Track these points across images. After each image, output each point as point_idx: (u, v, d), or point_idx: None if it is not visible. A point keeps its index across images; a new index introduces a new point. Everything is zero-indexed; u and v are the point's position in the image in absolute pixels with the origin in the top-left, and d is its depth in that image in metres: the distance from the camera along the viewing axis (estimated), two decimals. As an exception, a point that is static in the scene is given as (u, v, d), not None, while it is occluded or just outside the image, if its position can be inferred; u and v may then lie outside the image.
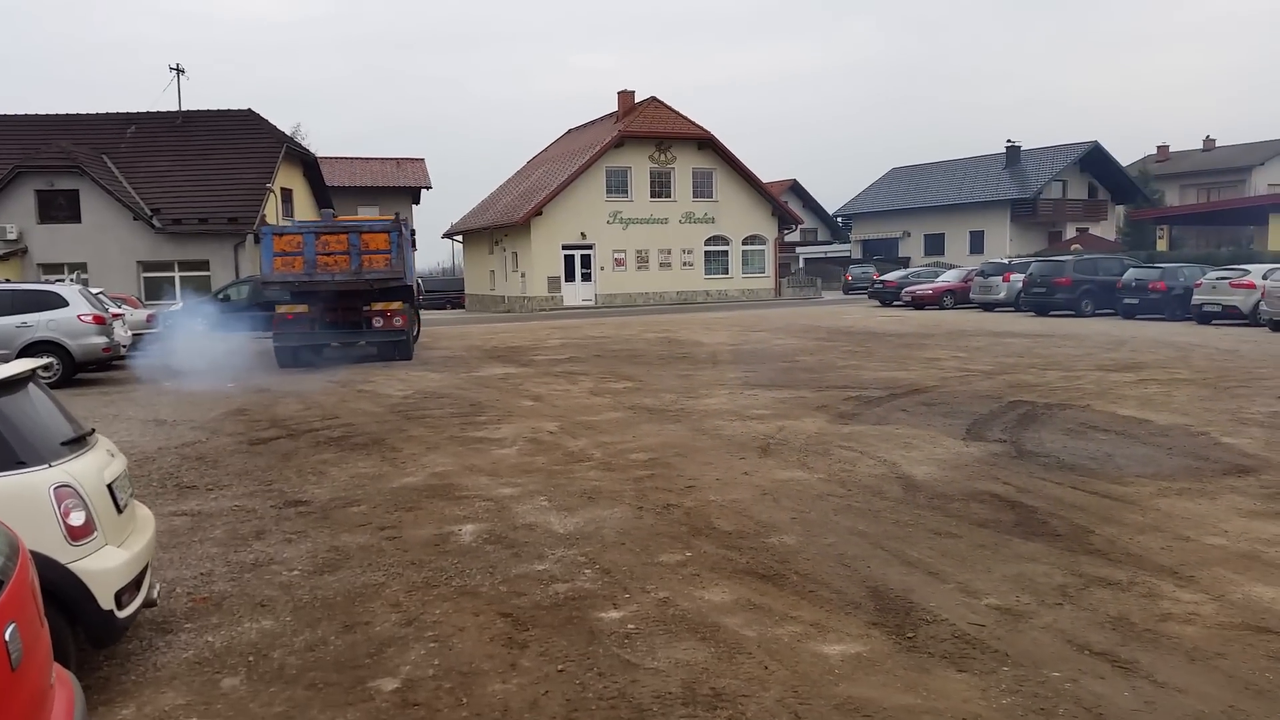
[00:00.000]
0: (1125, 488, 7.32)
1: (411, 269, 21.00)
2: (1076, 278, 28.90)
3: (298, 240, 18.11)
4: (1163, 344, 18.93)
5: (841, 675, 4.20)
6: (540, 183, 45.89)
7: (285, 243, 18.09)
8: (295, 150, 37.60)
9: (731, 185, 46.20)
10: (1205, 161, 67.12)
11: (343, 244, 18.11)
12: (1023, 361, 16.02)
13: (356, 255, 18.12)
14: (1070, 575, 5.40)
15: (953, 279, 36.50)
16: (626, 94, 46.51)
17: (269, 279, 18.28)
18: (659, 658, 4.41)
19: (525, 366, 17.20)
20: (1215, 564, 5.55)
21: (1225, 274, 24.73)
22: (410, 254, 20.75)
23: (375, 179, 52.07)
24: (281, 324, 18.36)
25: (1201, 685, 4.04)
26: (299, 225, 20.08)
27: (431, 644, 4.64)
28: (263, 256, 18.33)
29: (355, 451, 9.50)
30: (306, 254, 17.96)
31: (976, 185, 57.45)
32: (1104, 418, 10.36)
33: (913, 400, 11.87)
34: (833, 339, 21.63)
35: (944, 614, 4.86)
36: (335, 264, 18.06)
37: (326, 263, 18.03)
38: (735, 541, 6.16)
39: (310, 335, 18.51)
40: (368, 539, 6.43)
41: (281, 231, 18.80)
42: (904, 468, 8.14)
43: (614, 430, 10.29)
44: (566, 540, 6.27)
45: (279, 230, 18.97)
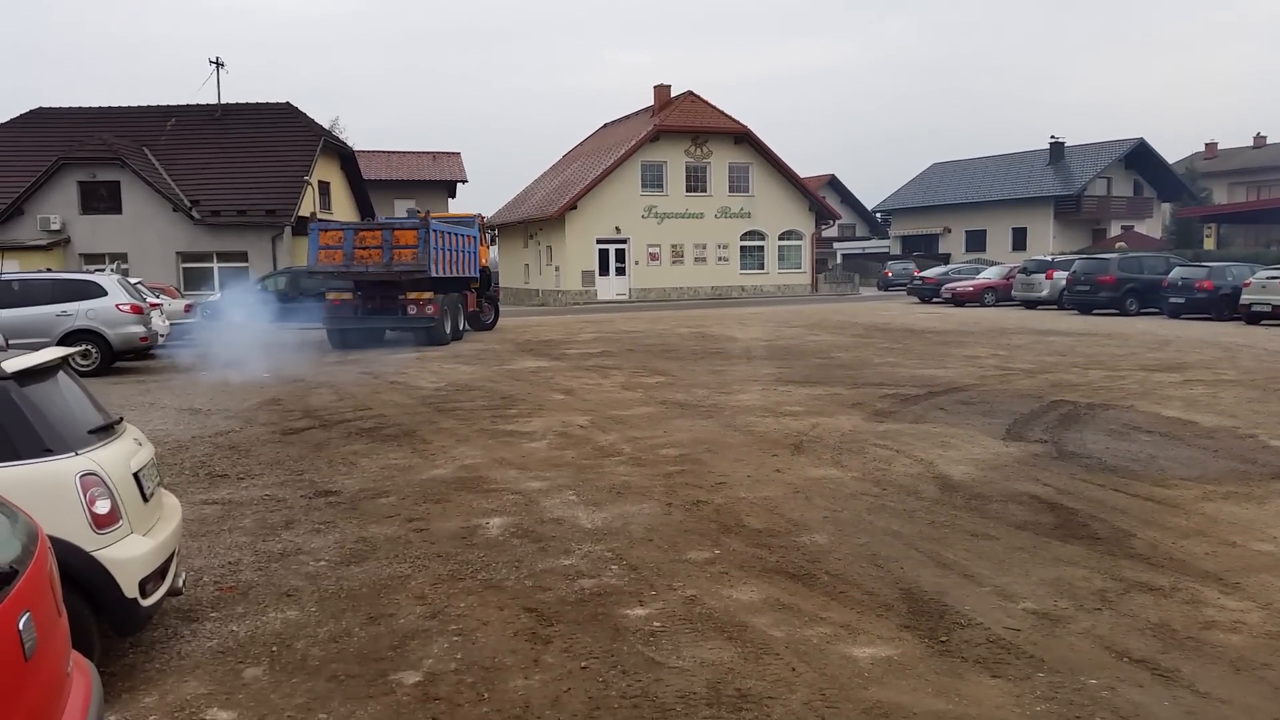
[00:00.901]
0: (1169, 490, 7.12)
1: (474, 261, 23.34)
2: (1121, 276, 28.35)
3: (339, 235, 20.26)
4: (1209, 344, 18.49)
5: (871, 679, 4.10)
6: (575, 177, 45.89)
7: (329, 237, 20.21)
8: (333, 144, 37.91)
9: (768, 180, 45.90)
10: (1255, 159, 65.63)
11: (377, 239, 20.17)
12: (1065, 360, 15.72)
13: (388, 250, 19.96)
14: (1110, 580, 5.24)
15: (994, 276, 35.98)
16: (663, 88, 46.35)
17: (314, 269, 20.49)
18: (684, 657, 4.33)
19: (557, 360, 17.18)
20: (1262, 571, 5.37)
21: (1275, 273, 24.12)
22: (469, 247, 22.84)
23: (412, 173, 52.36)
24: (330, 309, 20.86)
25: (1246, 696, 3.88)
26: (342, 222, 22.46)
27: (455, 638, 4.60)
28: (310, 249, 20.37)
29: (386, 443, 9.51)
30: (346, 247, 20.02)
31: (1019, 181, 56.60)
32: (1148, 419, 10.11)
33: (951, 399, 11.67)
34: (869, 335, 21.39)
35: (979, 618, 4.73)
36: (369, 257, 20.04)
37: (362, 256, 20.05)
38: (765, 540, 6.06)
39: (354, 320, 20.78)
40: (395, 530, 6.41)
41: (326, 227, 20.89)
42: (941, 467, 7.98)
43: (645, 425, 10.21)
44: (594, 535, 6.20)
45: (324, 226, 20.98)
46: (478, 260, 24.24)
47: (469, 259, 23.25)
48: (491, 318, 25.92)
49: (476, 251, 24.03)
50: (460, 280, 22.79)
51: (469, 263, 23.25)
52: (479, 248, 24.70)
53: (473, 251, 23.62)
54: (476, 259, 24.04)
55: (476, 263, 24.06)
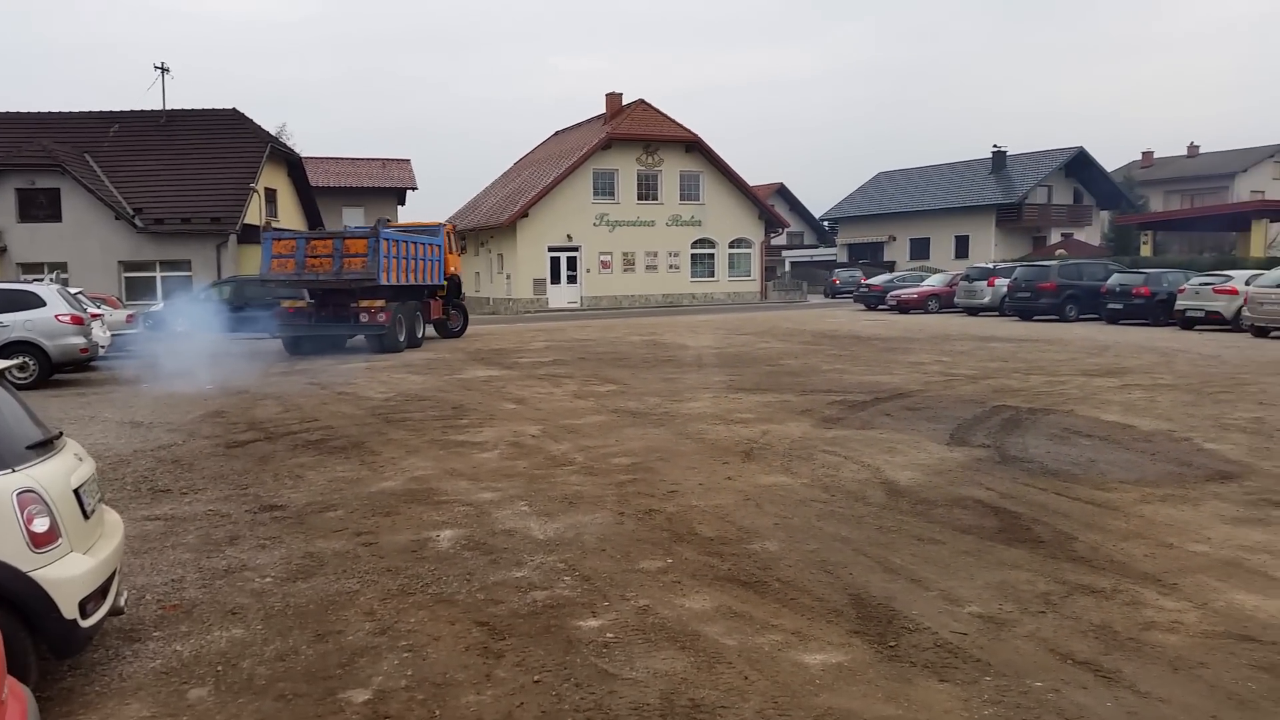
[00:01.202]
0: (1109, 494, 7.29)
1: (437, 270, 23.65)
2: (1061, 283, 29.01)
3: (292, 244, 20.71)
4: (1146, 349, 18.98)
5: (822, 685, 4.14)
6: (527, 184, 45.78)
7: (281, 246, 20.69)
8: (280, 150, 37.39)
9: (719, 188, 46.22)
10: (1189, 168, 67.64)
11: (328, 248, 20.54)
12: (1006, 366, 16.02)
13: (339, 258, 20.36)
14: (1053, 583, 5.35)
15: (938, 283, 36.60)
16: (614, 96, 46.48)
17: (266, 277, 20.81)
18: (637, 668, 4.34)
19: (509, 369, 17.10)
20: (1198, 571, 5.52)
21: (1208, 280, 24.85)
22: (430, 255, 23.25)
23: (360, 179, 51.79)
24: (284, 316, 21.09)
25: (1184, 695, 3.99)
26: (294, 231, 23.05)
27: (405, 654, 4.55)
28: (263, 257, 20.76)
29: (334, 455, 9.38)
30: (298, 256, 20.44)
31: (962, 190, 57.66)
32: (1087, 423, 10.34)
33: (897, 405, 11.84)
34: (818, 342, 21.61)
35: (926, 622, 4.80)
36: (321, 265, 20.45)
37: (313, 264, 20.47)
38: (717, 548, 6.10)
39: (308, 326, 21.03)
40: (343, 545, 6.33)
41: (279, 236, 21.38)
42: (887, 473, 8.09)
43: (597, 434, 10.21)
44: (546, 546, 6.19)
45: (277, 235, 21.51)
46: (442, 268, 24.31)
47: (430, 267, 23.35)
48: (460, 324, 26.17)
49: (441, 260, 24.15)
50: (418, 288, 22.84)
51: (430, 271, 23.34)
52: (446, 256, 24.87)
53: (436, 260, 23.73)
54: (440, 267, 24.12)
55: (440, 271, 24.14)
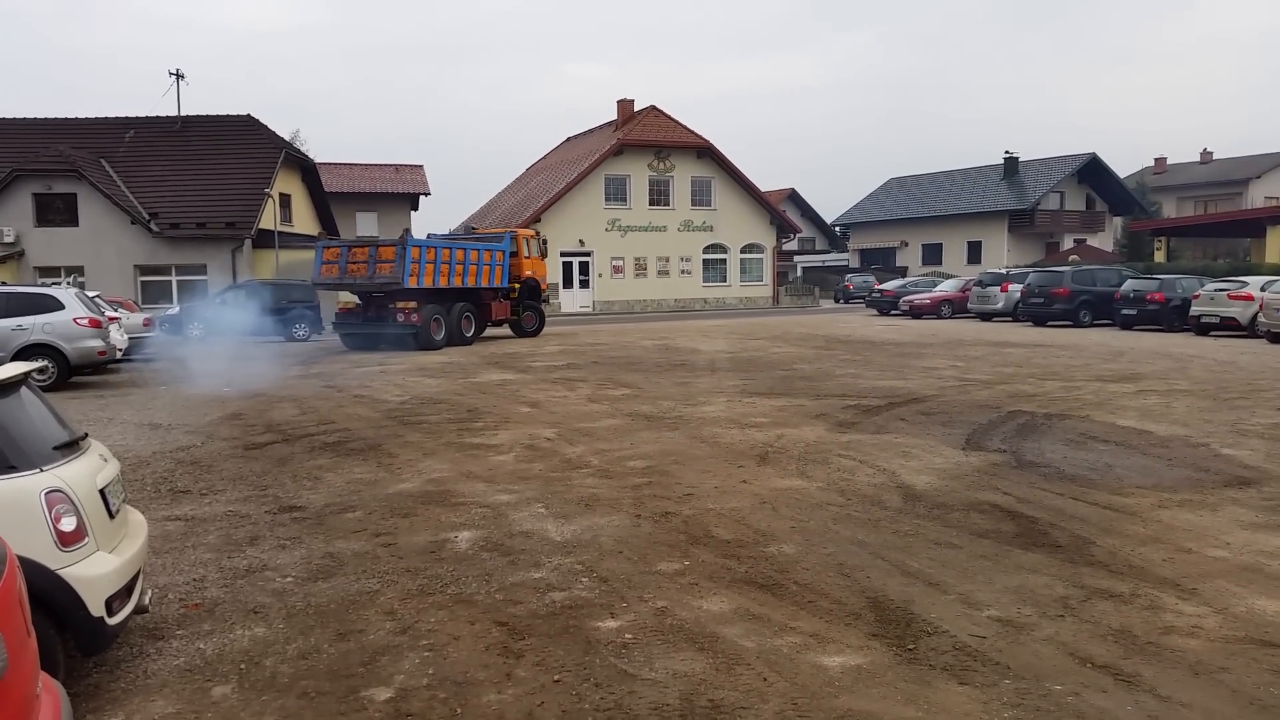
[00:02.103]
0: (1126, 499, 7.28)
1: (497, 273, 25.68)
2: (1074, 288, 28.92)
3: (337, 251, 23.33)
4: (1161, 355, 18.91)
5: (841, 687, 4.15)
6: (539, 190, 45.92)
7: (329, 253, 23.33)
8: (294, 156, 37.59)
9: (730, 194, 46.26)
10: (1202, 174, 67.34)
11: (365, 255, 22.94)
12: (1021, 371, 15.98)
13: (372, 264, 22.62)
14: (1072, 587, 5.35)
15: (950, 289, 36.53)
16: (626, 102, 46.58)
17: (316, 281, 23.99)
18: (656, 668, 4.36)
19: (523, 373, 17.15)
20: (1218, 576, 5.51)
21: (1223, 286, 24.75)
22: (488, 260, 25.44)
23: (374, 185, 51.98)
24: (339, 316, 24.24)
25: (1206, 700, 3.99)
26: (340, 240, 25.50)
27: (426, 653, 4.58)
28: (315, 263, 23.39)
29: (351, 457, 9.44)
30: (341, 262, 22.98)
31: (974, 196, 57.54)
32: (1103, 428, 10.32)
33: (911, 409, 11.83)
34: (831, 347, 21.59)
35: (945, 625, 4.81)
36: (358, 270, 22.86)
37: (353, 270, 22.91)
38: (734, 550, 6.11)
39: (358, 325, 23.58)
40: (363, 545, 6.37)
41: (328, 244, 23.99)
42: (903, 477, 8.09)
43: (611, 437, 10.24)
44: (563, 548, 6.21)
45: (327, 243, 24.08)
46: (506, 272, 26.10)
47: (490, 271, 25.40)
48: (536, 325, 27.81)
49: (505, 264, 25.99)
50: (469, 291, 24.72)
51: (489, 274, 25.38)
52: (521, 260, 26.98)
53: (498, 264, 25.70)
54: (504, 271, 25.97)
55: (505, 274, 26.04)
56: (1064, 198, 55.66)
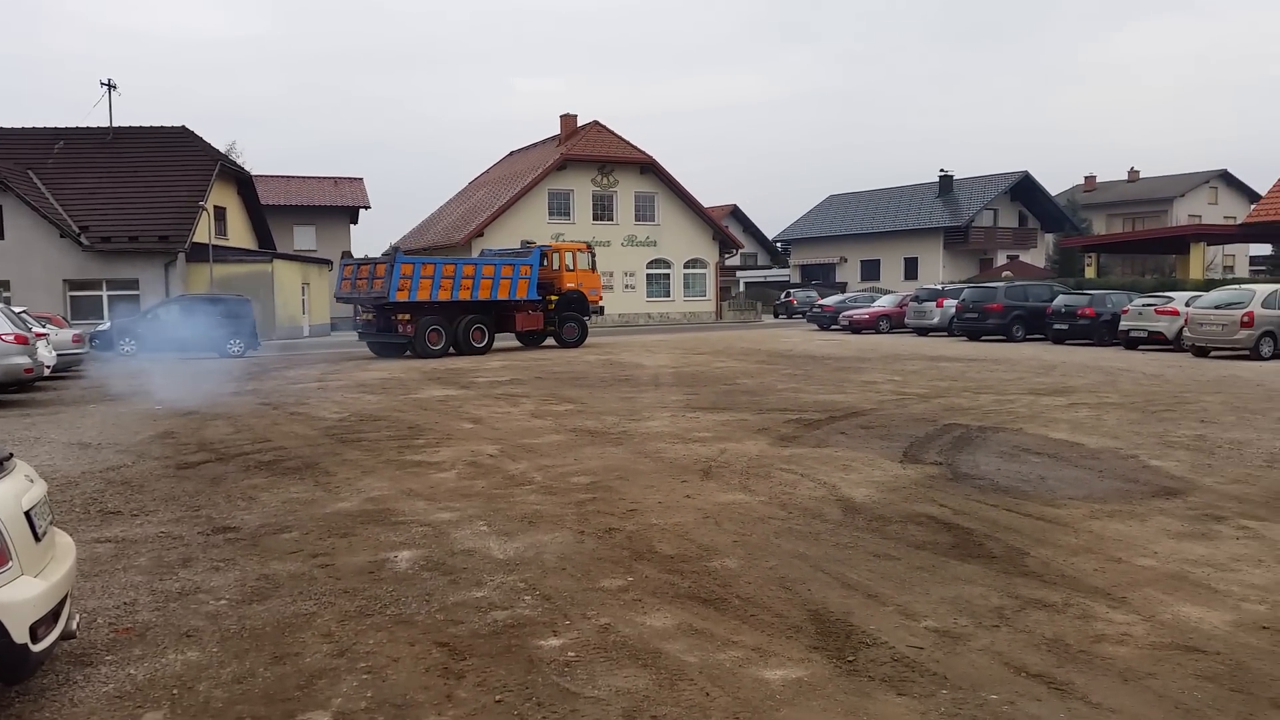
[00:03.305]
0: (1058, 510, 7.46)
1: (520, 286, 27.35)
2: (1007, 304, 29.62)
3: (351, 268, 26.45)
4: (1091, 368, 19.43)
5: (783, 700, 4.18)
6: (482, 204, 45.72)
7: (347, 270, 26.56)
8: (230, 168, 36.96)
9: (673, 209, 46.56)
10: (1130, 192, 69.57)
11: (366, 272, 25.73)
12: (956, 385, 16.30)
13: (370, 280, 25.38)
14: (1006, 597, 5.46)
15: (888, 304, 37.17)
16: (569, 117, 46.68)
17: (339, 295, 27.58)
18: (599, 686, 4.34)
19: (465, 389, 17.02)
20: (1146, 585, 5.67)
21: (1151, 301, 25.55)
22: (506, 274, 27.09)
23: (312, 198, 51.33)
24: (362, 325, 26.59)
25: (1134, 706, 4.10)
26: (357, 259, 27.39)
27: (364, 675, 4.51)
28: (337, 278, 26.64)
29: (287, 476, 9.27)
30: (354, 278, 26.12)
31: (911, 213, 58.70)
32: (1036, 441, 10.57)
33: (851, 423, 11.99)
34: (773, 362, 21.80)
35: (884, 637, 4.88)
36: (361, 285, 25.78)
37: (359, 285, 25.87)
38: (677, 565, 6.13)
39: (372, 335, 26.16)
40: (299, 567, 6.25)
41: (348, 261, 27.04)
42: (843, 490, 8.20)
43: (555, 453, 10.20)
44: (506, 566, 6.17)
45: (348, 261, 27.17)
46: (534, 285, 27.59)
47: (505, 285, 26.90)
48: (576, 336, 29.01)
49: (532, 278, 27.52)
50: (478, 304, 26.43)
51: (505, 288, 26.90)
52: (563, 273, 28.66)
53: (521, 278, 27.23)
54: (530, 284, 27.47)
55: (531, 287, 27.52)
56: (997, 215, 57.07)
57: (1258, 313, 21.25)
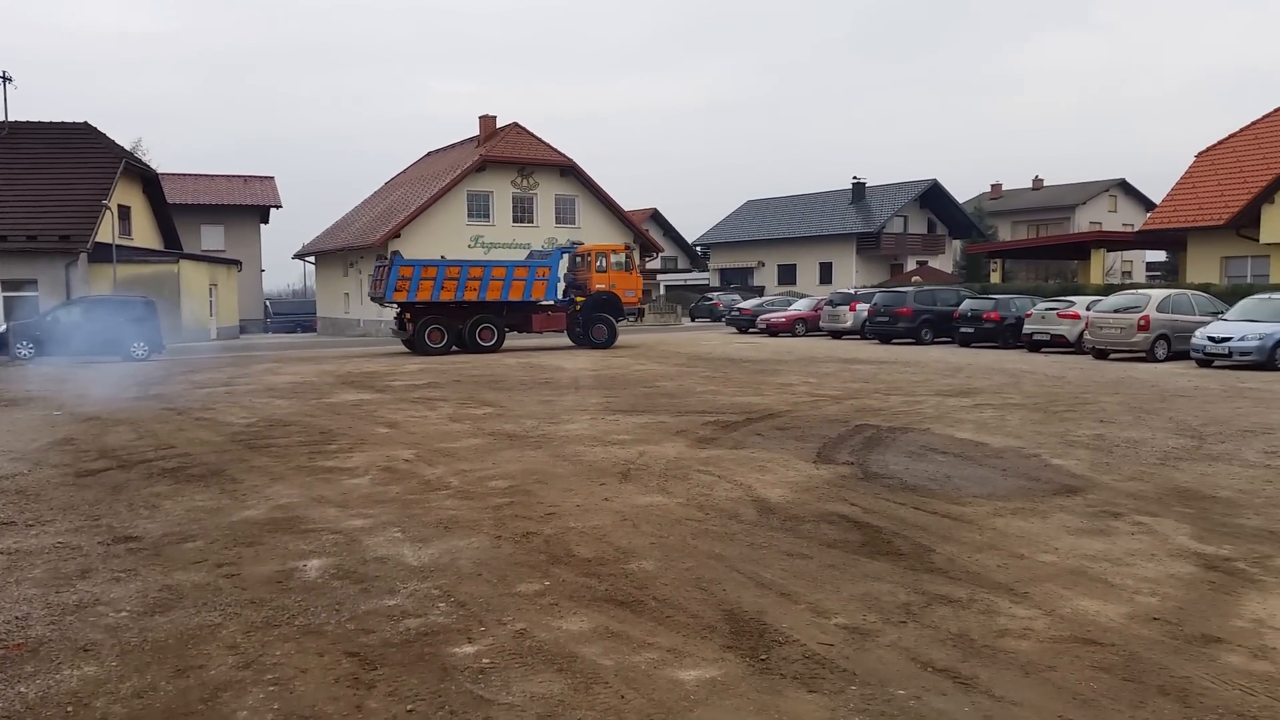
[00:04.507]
0: (964, 508, 7.68)
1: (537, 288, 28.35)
2: (917, 308, 30.42)
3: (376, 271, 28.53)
4: (996, 370, 20.05)
5: (697, 700, 4.21)
6: (399, 204, 45.03)
7: (378, 272, 28.09)
8: (135, 166, 35.71)
9: (594, 212, 46.54)
10: (1034, 200, 72.03)
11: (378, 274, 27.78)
12: (868, 387, 16.66)
13: (374, 282, 28.11)
14: (914, 593, 5.60)
15: (804, 308, 37.79)
16: (488, 119, 46.31)
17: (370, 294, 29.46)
18: (514, 692, 4.32)
19: (381, 392, 16.73)
20: (1047, 580, 5.87)
21: (1053, 305, 26.48)
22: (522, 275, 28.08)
23: (221, 197, 49.89)
24: (396, 320, 28.51)
25: (1035, 698, 4.24)
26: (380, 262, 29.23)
27: (271, 687, 4.40)
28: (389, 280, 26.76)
29: (192, 483, 8.98)
30: (374, 278, 28.62)
31: (825, 219, 59.80)
32: (943, 440, 10.86)
33: (768, 425, 12.15)
34: (692, 365, 21.96)
35: (795, 635, 4.95)
36: (375, 286, 28.08)
37: (375, 285, 27.95)
38: (595, 569, 6.12)
39: (398, 331, 28.32)
40: (204, 577, 6.07)
41: (381, 264, 28.26)
42: (759, 491, 8.30)
43: (473, 457, 10.10)
44: (420, 573, 6.08)
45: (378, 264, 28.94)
46: (551, 287, 28.31)
47: (519, 286, 27.72)
48: (605, 337, 29.25)
49: (550, 279, 28.27)
50: (481, 305, 27.41)
51: (519, 290, 27.75)
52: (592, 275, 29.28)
53: (532, 279, 27.98)
54: (549, 286, 28.25)
55: (547, 289, 28.25)
56: (907, 221, 58.50)
57: (1153, 316, 22.21)
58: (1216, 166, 33.17)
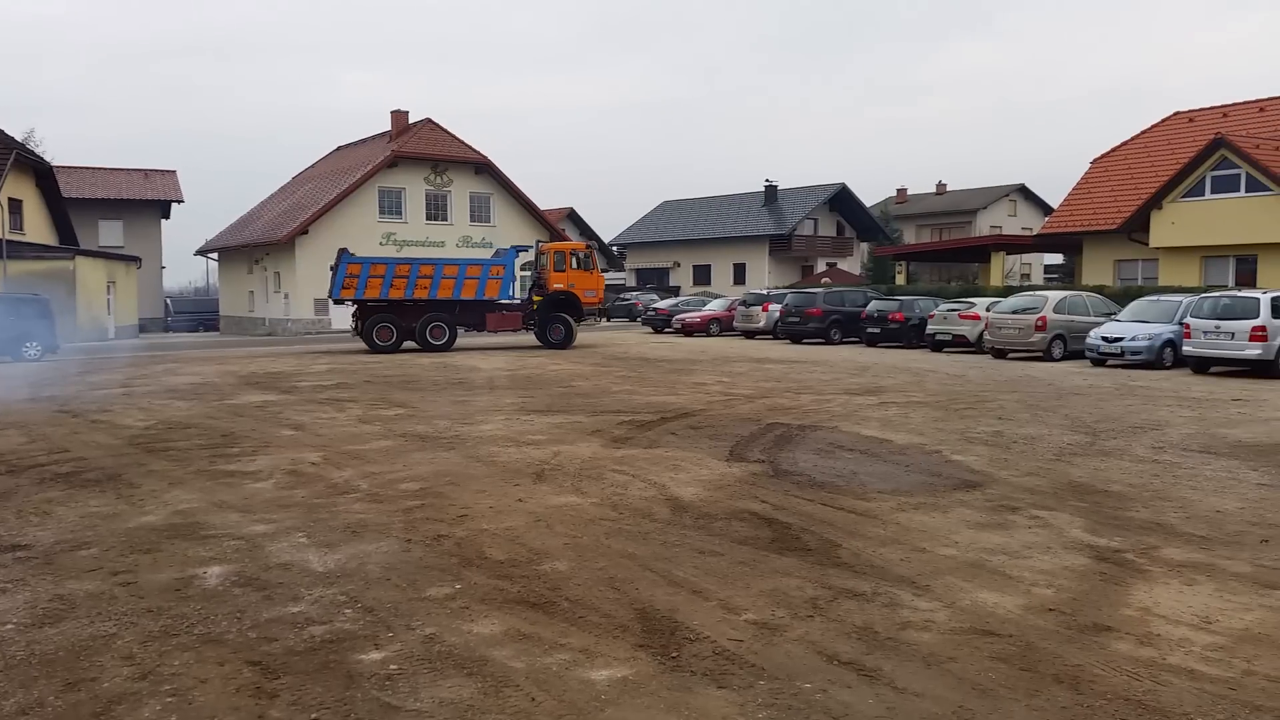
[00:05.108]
0: (869, 503, 7.86)
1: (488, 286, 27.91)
2: (826, 308, 31.07)
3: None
4: (901, 370, 20.59)
5: (608, 700, 4.22)
6: (306, 200, 43.99)
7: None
8: (27, 158, 34.13)
9: (510, 211, 46.22)
10: (937, 204, 74.10)
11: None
12: (779, 386, 16.93)
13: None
14: (820, 588, 5.72)
15: (718, 308, 38.19)
16: (400, 114, 45.60)
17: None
18: (422, 698, 4.26)
19: (286, 394, 16.32)
20: (947, 573, 6.05)
21: (955, 306, 27.30)
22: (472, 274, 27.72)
23: (120, 191, 47.98)
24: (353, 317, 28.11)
25: (936, 689, 4.36)
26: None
27: (169, 699, 4.25)
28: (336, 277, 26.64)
29: (86, 489, 8.62)
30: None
31: (738, 220, 60.50)
32: (850, 438, 11.11)
33: (682, 424, 12.25)
34: (608, 364, 21.99)
35: (706, 631, 5.00)
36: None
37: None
38: (507, 571, 6.08)
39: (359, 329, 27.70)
40: (98, 585, 5.83)
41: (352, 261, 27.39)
42: (672, 489, 8.36)
43: (383, 460, 9.93)
44: (326, 579, 5.95)
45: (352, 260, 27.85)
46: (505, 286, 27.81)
47: (471, 285, 27.36)
48: (561, 336, 28.49)
49: (504, 278, 27.77)
50: (431, 303, 27.11)
51: (471, 288, 27.37)
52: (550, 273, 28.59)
53: (485, 278, 27.59)
54: (503, 284, 27.77)
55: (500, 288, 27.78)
56: (817, 224, 59.58)
57: (1050, 317, 23.09)
58: (1110, 173, 34.63)
